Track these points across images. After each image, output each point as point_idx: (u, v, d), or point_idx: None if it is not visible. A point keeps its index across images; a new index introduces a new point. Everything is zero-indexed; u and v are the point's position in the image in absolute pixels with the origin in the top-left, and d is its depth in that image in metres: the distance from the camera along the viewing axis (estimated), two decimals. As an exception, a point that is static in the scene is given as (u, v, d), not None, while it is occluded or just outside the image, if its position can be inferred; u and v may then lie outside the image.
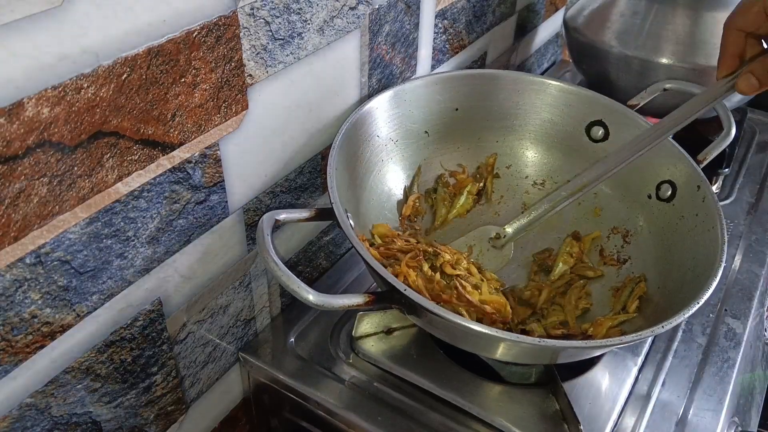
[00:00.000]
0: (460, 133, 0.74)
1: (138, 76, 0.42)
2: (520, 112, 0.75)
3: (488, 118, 0.74)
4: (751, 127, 1.03)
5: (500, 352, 0.53)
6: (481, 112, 0.74)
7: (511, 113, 0.75)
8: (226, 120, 0.51)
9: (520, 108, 0.74)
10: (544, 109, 0.74)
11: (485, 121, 0.74)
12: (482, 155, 0.76)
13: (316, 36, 0.57)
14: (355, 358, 0.63)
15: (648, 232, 0.68)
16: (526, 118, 0.75)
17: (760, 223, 0.84)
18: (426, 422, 0.58)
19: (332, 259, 0.75)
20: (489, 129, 0.75)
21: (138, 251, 0.48)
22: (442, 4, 0.76)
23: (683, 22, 0.82)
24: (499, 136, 0.75)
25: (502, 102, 0.74)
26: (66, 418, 0.48)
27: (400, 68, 0.72)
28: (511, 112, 0.74)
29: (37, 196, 0.39)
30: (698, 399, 0.62)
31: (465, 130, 0.74)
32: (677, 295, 0.58)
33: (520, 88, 0.74)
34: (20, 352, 0.42)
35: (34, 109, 0.37)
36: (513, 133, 0.75)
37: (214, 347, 0.61)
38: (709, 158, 0.67)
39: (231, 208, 0.56)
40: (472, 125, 0.74)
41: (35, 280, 0.41)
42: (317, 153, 0.65)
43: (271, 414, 0.68)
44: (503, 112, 0.74)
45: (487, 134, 0.75)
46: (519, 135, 0.76)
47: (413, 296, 0.48)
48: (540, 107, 0.74)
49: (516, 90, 0.74)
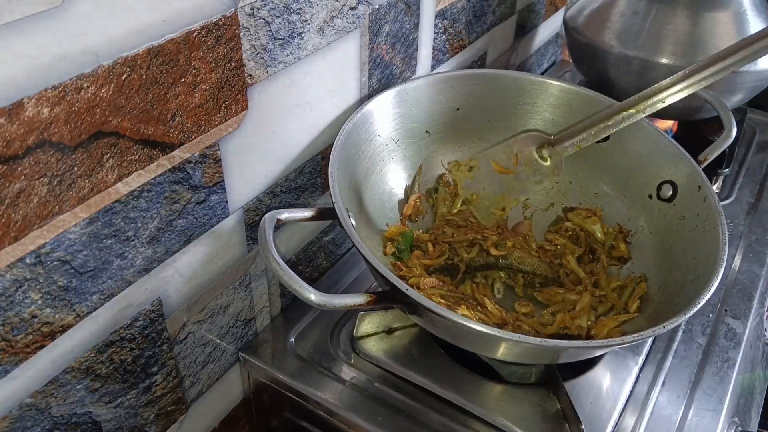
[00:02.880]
0: (461, 132, 0.74)
1: (138, 76, 0.42)
2: (521, 112, 0.74)
3: (489, 117, 0.74)
4: (751, 127, 1.03)
5: (501, 352, 0.53)
6: (482, 111, 0.74)
7: (512, 113, 0.74)
8: (226, 120, 0.51)
9: (521, 108, 0.74)
10: (545, 109, 0.74)
11: (486, 120, 0.74)
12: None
13: (316, 36, 0.57)
14: (356, 358, 0.63)
15: (649, 232, 0.68)
16: (527, 118, 0.75)
17: (760, 223, 0.84)
18: (426, 422, 0.58)
19: (332, 259, 0.75)
20: (490, 129, 0.75)
21: (138, 251, 0.48)
22: (442, 4, 0.75)
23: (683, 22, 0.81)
24: (500, 135, 0.75)
25: (503, 102, 0.74)
26: (66, 418, 0.48)
27: (400, 68, 0.72)
28: (512, 112, 0.74)
29: (37, 196, 0.39)
30: (698, 399, 0.62)
31: (466, 129, 0.74)
32: (678, 295, 0.58)
33: (521, 88, 0.74)
34: (20, 352, 0.42)
35: (34, 109, 0.37)
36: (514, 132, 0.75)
37: (214, 347, 0.61)
38: (710, 158, 0.67)
39: (231, 208, 0.56)
40: (473, 125, 0.74)
41: (35, 280, 0.41)
42: (317, 153, 0.65)
43: (271, 414, 0.68)
44: (504, 111, 0.74)
45: (488, 134, 0.75)
46: (520, 135, 0.75)
47: (415, 296, 0.48)
48: (541, 107, 0.74)
49: (517, 90, 0.74)
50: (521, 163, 0.66)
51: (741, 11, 0.82)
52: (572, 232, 0.71)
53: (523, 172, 0.65)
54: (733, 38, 0.80)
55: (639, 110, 0.61)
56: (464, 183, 0.67)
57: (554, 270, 0.66)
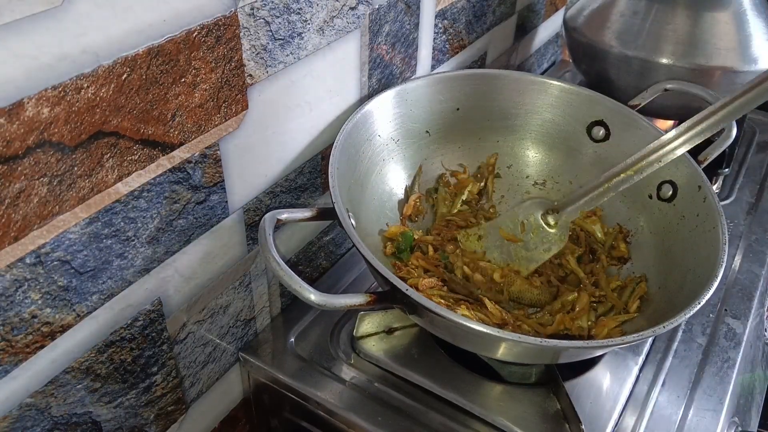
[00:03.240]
0: (461, 132, 0.74)
1: (138, 76, 0.42)
2: (521, 112, 0.74)
3: (489, 117, 0.74)
4: (751, 127, 1.03)
5: (501, 352, 0.53)
6: (482, 111, 0.74)
7: (513, 113, 0.74)
8: (226, 120, 0.51)
9: (521, 108, 0.74)
10: (545, 109, 0.74)
11: (486, 120, 0.74)
12: (483, 155, 0.76)
13: (316, 36, 0.57)
14: (356, 358, 0.63)
15: (649, 232, 0.68)
16: (527, 118, 0.75)
17: (760, 223, 0.84)
18: (426, 422, 0.58)
19: (332, 259, 0.75)
20: (490, 129, 0.75)
21: (138, 251, 0.48)
22: (442, 4, 0.75)
23: (683, 22, 0.81)
24: (500, 135, 0.75)
25: (503, 102, 0.74)
26: (66, 418, 0.48)
27: (400, 68, 0.72)
28: (513, 112, 0.74)
29: (37, 196, 0.39)
30: (698, 399, 0.62)
31: (466, 129, 0.74)
32: (678, 295, 0.58)
33: (521, 88, 0.74)
34: (20, 352, 0.42)
35: (34, 109, 0.37)
36: (514, 133, 0.75)
37: (214, 347, 0.61)
38: (710, 159, 0.67)
39: (231, 208, 0.56)
40: (473, 125, 0.74)
41: (35, 280, 0.41)
42: (317, 153, 0.65)
43: (271, 414, 0.68)
44: (504, 111, 0.74)
45: (488, 134, 0.75)
46: (520, 135, 0.75)
47: (415, 296, 0.48)
48: (541, 107, 0.74)
49: (517, 90, 0.74)
50: (528, 230, 0.67)
51: (741, 11, 0.81)
52: (572, 232, 0.71)
53: (531, 240, 0.66)
54: (733, 38, 0.80)
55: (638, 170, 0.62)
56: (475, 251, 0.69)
57: (553, 293, 0.66)
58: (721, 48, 0.79)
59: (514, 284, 0.65)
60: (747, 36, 0.81)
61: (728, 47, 0.79)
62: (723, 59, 0.79)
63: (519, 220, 0.68)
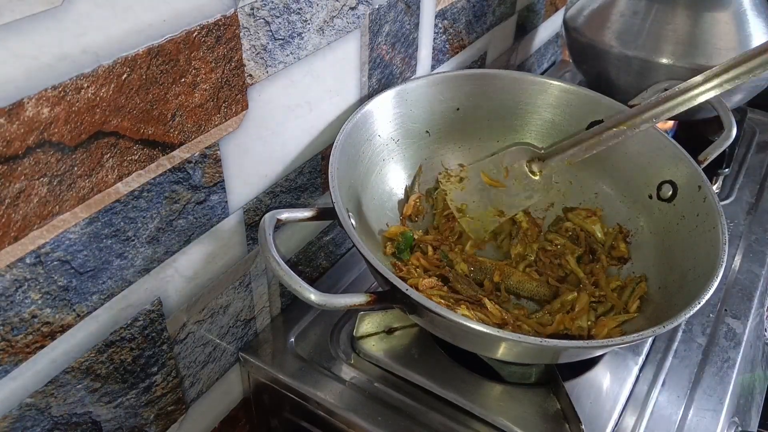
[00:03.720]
0: (461, 132, 0.74)
1: (138, 76, 0.42)
2: (521, 112, 0.74)
3: (489, 118, 0.74)
4: (751, 127, 1.03)
5: (501, 352, 0.53)
6: (482, 111, 0.74)
7: (513, 113, 0.74)
8: (226, 120, 0.51)
9: (521, 108, 0.74)
10: (545, 109, 0.74)
11: (486, 120, 0.74)
12: (483, 155, 0.76)
13: (316, 36, 0.57)
14: (356, 358, 0.63)
15: (649, 232, 0.68)
16: (527, 118, 0.75)
17: (760, 223, 0.84)
18: (426, 422, 0.58)
19: (332, 259, 0.75)
20: (490, 129, 0.75)
21: (138, 251, 0.48)
22: (442, 4, 0.75)
23: (683, 22, 0.81)
24: (500, 136, 0.75)
25: (503, 102, 0.74)
26: (66, 418, 0.48)
27: (400, 68, 0.72)
28: (513, 112, 0.74)
29: (37, 196, 0.39)
30: (698, 399, 0.62)
31: (466, 129, 0.74)
32: (678, 295, 0.58)
33: (521, 88, 0.74)
34: (20, 352, 0.42)
35: (34, 109, 0.37)
36: (514, 133, 0.75)
37: (214, 347, 0.61)
38: (710, 158, 0.67)
39: (231, 208, 0.56)
40: (474, 125, 0.74)
41: (35, 280, 0.41)
42: (317, 153, 0.65)
43: (271, 414, 0.68)
44: (504, 112, 0.74)
45: (488, 134, 0.75)
46: (520, 135, 0.75)
47: (415, 296, 0.48)
48: (541, 107, 0.74)
49: (517, 90, 0.74)
50: (512, 177, 0.65)
51: (741, 11, 0.81)
52: (572, 232, 0.71)
53: (513, 186, 0.64)
54: (733, 38, 0.80)
55: (630, 126, 0.61)
56: (454, 194, 0.67)
57: (552, 290, 0.66)
58: (721, 48, 0.79)
59: (512, 276, 0.65)
60: (747, 36, 0.81)
61: (728, 47, 0.79)
62: (723, 59, 0.79)
63: (503, 166, 0.66)
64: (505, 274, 0.66)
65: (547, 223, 0.73)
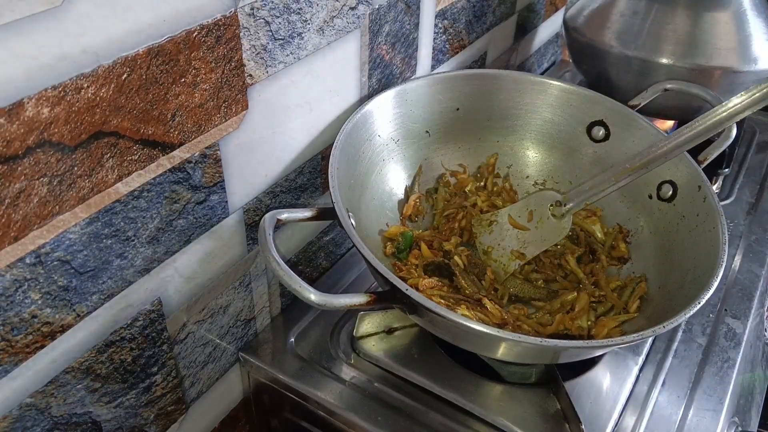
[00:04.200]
0: (461, 132, 0.74)
1: (138, 76, 0.42)
2: (521, 112, 0.75)
3: (489, 118, 0.74)
4: (751, 127, 1.03)
5: (501, 352, 0.53)
6: (482, 112, 0.74)
7: (513, 113, 0.74)
8: (226, 120, 0.51)
9: (521, 108, 0.74)
10: (545, 109, 0.74)
11: (486, 121, 0.74)
12: (483, 155, 0.76)
13: (316, 36, 0.57)
14: (356, 358, 0.63)
15: (649, 232, 0.68)
16: (527, 118, 0.75)
17: (760, 223, 0.84)
18: (426, 422, 0.58)
19: (332, 259, 0.75)
20: (490, 129, 0.75)
21: (138, 251, 0.48)
22: (442, 4, 0.75)
23: (683, 22, 0.81)
24: (500, 136, 0.75)
25: (503, 102, 0.74)
26: (66, 418, 0.48)
27: (400, 68, 0.72)
28: (513, 112, 0.74)
29: (37, 196, 0.39)
30: (698, 399, 0.62)
31: (466, 129, 0.74)
32: (678, 295, 0.58)
33: (521, 88, 0.74)
34: (20, 352, 0.42)
35: (34, 109, 0.37)
36: (514, 133, 0.75)
37: (214, 347, 0.61)
38: (710, 158, 0.67)
39: (231, 208, 0.56)
40: (473, 125, 0.74)
41: (35, 280, 0.41)
42: (317, 153, 0.65)
43: (271, 414, 0.68)
44: (504, 112, 0.74)
45: (488, 134, 0.75)
46: (520, 135, 0.75)
47: (415, 296, 0.48)
48: (541, 107, 0.74)
49: (517, 90, 0.74)
50: (535, 219, 0.67)
51: (741, 11, 0.81)
52: (572, 232, 0.71)
53: (535, 230, 0.67)
54: (733, 38, 0.80)
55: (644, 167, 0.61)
56: (482, 238, 0.69)
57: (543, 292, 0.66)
58: (721, 48, 0.79)
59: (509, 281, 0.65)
60: (747, 36, 0.81)
61: (728, 47, 0.79)
62: (723, 59, 0.79)
63: (528, 210, 0.68)
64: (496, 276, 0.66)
65: None
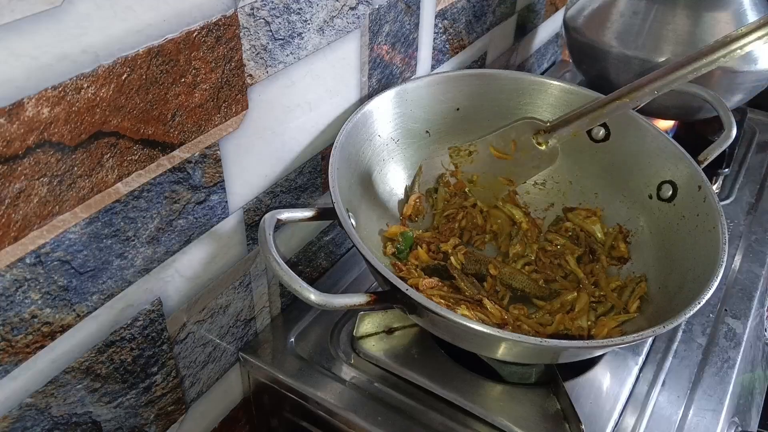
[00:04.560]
0: (462, 132, 0.74)
1: (138, 76, 0.42)
2: (521, 112, 0.74)
3: (489, 118, 0.74)
4: (751, 127, 1.03)
5: (501, 352, 0.53)
6: (482, 112, 0.74)
7: (512, 113, 0.74)
8: (226, 120, 0.51)
9: (521, 108, 0.74)
10: (545, 109, 0.74)
11: (486, 120, 0.74)
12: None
13: (316, 36, 0.57)
14: (356, 358, 0.63)
15: (649, 232, 0.68)
16: (526, 118, 0.75)
17: (760, 223, 0.84)
18: (426, 422, 0.58)
19: (332, 259, 0.75)
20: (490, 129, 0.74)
21: (138, 251, 0.48)
22: (442, 4, 0.75)
23: (683, 22, 0.81)
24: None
25: (503, 102, 0.74)
26: (66, 418, 0.48)
27: (400, 68, 0.72)
28: (512, 112, 0.74)
29: (37, 196, 0.39)
30: (698, 399, 0.62)
31: (466, 129, 0.74)
32: (678, 295, 0.58)
33: (521, 88, 0.74)
34: (20, 352, 0.42)
35: (34, 109, 0.37)
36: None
37: (214, 347, 0.61)
38: (710, 158, 0.67)
39: (231, 208, 0.56)
40: (474, 125, 0.74)
41: (35, 280, 0.41)
42: (317, 153, 0.65)
43: (271, 414, 0.68)
44: (504, 111, 0.74)
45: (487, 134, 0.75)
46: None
47: (415, 296, 0.48)
48: (541, 107, 0.74)
49: (517, 90, 0.74)
50: (519, 149, 0.66)
51: (741, 11, 0.81)
52: (572, 232, 0.71)
53: (520, 158, 0.66)
54: (733, 38, 0.80)
55: (632, 98, 0.60)
56: (464, 168, 0.69)
57: (544, 290, 0.66)
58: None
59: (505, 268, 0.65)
60: (747, 36, 0.80)
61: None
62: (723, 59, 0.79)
63: (510, 139, 0.67)
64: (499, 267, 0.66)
65: (547, 223, 0.73)
